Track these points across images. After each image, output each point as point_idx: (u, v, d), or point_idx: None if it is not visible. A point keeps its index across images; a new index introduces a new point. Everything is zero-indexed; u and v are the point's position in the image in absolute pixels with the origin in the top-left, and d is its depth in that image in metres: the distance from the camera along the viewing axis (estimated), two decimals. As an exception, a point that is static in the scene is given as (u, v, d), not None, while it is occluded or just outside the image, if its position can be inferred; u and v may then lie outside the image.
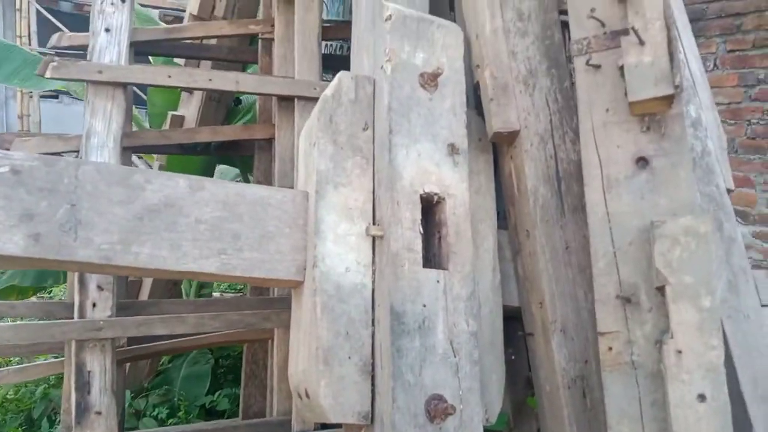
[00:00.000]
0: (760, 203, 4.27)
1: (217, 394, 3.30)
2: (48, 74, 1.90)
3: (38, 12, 13.39)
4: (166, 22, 4.90)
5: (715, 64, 4.55)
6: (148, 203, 1.37)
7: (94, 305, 1.86)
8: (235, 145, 2.69)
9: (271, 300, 2.19)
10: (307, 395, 1.38)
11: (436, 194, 1.45)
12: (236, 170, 3.74)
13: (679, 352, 1.20)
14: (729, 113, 4.44)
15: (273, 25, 2.43)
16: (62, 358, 2.28)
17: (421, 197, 1.44)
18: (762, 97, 4.33)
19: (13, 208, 1.26)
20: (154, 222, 1.36)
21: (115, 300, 1.90)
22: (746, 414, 1.62)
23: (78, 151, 2.22)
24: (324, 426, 2.06)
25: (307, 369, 1.38)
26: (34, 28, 13.80)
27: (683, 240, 1.22)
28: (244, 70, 3.18)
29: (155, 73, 2.01)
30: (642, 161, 1.34)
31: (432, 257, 1.44)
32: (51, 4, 14.58)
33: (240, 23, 2.46)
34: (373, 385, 1.37)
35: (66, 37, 2.22)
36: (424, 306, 1.37)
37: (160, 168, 3.11)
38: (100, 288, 1.87)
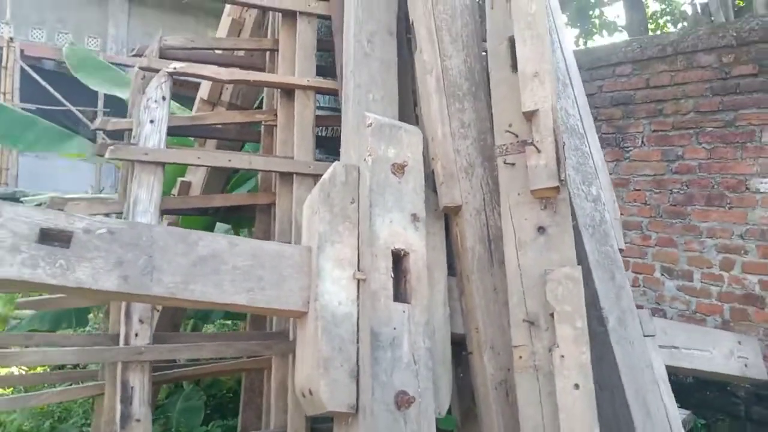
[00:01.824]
0: (681, 261, 4.98)
1: (211, 424, 3.76)
2: (107, 155, 2.48)
3: (22, 69, 13.95)
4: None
5: (642, 141, 5.34)
6: (200, 254, 1.94)
7: (136, 335, 2.38)
8: (239, 209, 3.27)
9: (270, 334, 2.73)
10: (311, 393, 1.93)
11: (402, 250, 2.06)
12: (228, 227, 4.30)
13: (562, 356, 1.80)
14: (654, 183, 5.19)
15: (275, 115, 3.06)
16: (92, 383, 2.76)
17: (392, 252, 2.04)
18: (681, 170, 5.09)
19: (110, 258, 1.82)
20: (204, 268, 1.93)
21: (152, 331, 2.43)
22: (630, 417, 2.21)
23: (115, 213, 2.77)
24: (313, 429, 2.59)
25: (310, 374, 1.93)
26: (17, 84, 14.33)
27: (564, 282, 1.84)
28: (242, 147, 3.80)
29: (188, 155, 2.61)
30: (541, 229, 1.97)
31: (399, 294, 2.03)
32: (35, 62, 15.16)
33: (248, 113, 3.10)
34: (357, 385, 1.92)
35: (111, 122, 2.81)
36: (394, 329, 1.95)
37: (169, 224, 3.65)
38: (141, 321, 2.40)
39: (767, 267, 4.39)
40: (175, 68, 2.65)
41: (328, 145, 3.10)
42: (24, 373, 3.53)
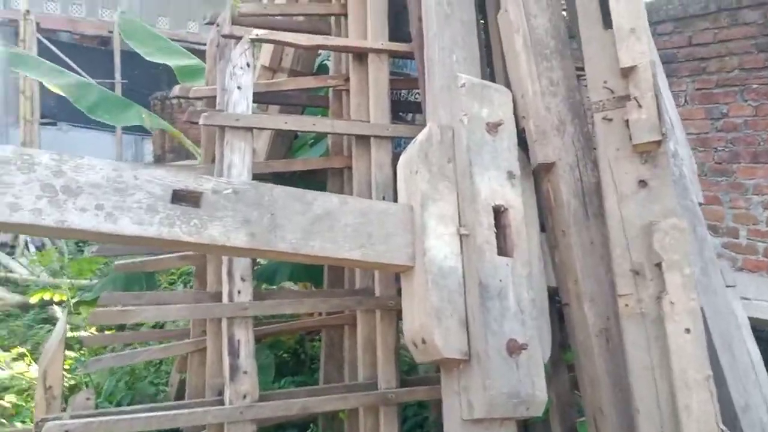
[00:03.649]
0: (727, 218, 5.04)
1: (283, 381, 3.92)
2: (201, 122, 2.56)
3: (39, 42, 13.93)
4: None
5: (685, 100, 5.35)
6: (316, 213, 2.03)
7: (239, 292, 2.50)
8: (310, 173, 3.35)
9: (357, 290, 2.85)
10: (424, 342, 2.04)
11: (502, 206, 2.14)
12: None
13: (672, 303, 1.89)
14: (699, 142, 5.23)
15: (346, 80, 3.12)
16: (187, 341, 2.89)
17: (493, 208, 2.13)
18: (726, 128, 5.12)
19: (237, 216, 1.92)
20: (321, 225, 2.03)
21: (251, 288, 2.55)
22: (718, 360, 2.31)
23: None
24: (404, 384, 2.72)
25: (423, 324, 2.04)
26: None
27: (671, 232, 1.92)
28: (302, 111, 3.87)
29: (277, 121, 2.69)
30: (642, 183, 2.05)
31: (500, 249, 2.12)
32: (51, 34, 15.16)
33: (321, 78, 3.16)
34: (467, 333, 2.03)
35: (193, 90, 2.89)
36: (500, 281, 2.05)
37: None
38: (242, 279, 2.51)
39: (816, 222, 4.45)
40: (257, 35, 2.71)
41: (400, 109, 3.16)
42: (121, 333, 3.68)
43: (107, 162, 1.81)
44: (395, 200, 2.77)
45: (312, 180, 3.38)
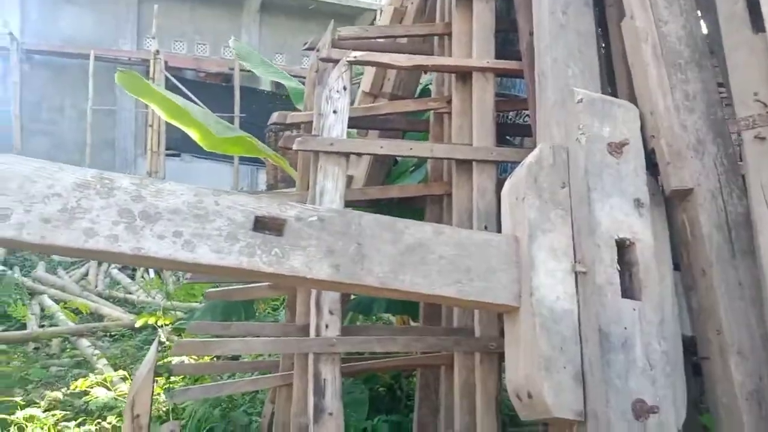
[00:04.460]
0: None
1: (376, 419, 3.70)
2: (295, 147, 2.46)
3: (166, 79, 14.94)
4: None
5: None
6: (407, 243, 1.82)
7: (327, 326, 2.33)
8: (407, 200, 3.17)
9: (454, 329, 2.59)
10: (530, 396, 1.75)
11: (627, 239, 1.82)
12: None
13: None
14: None
15: (448, 102, 2.92)
16: (280, 374, 2.76)
17: (616, 241, 1.81)
18: None
19: (321, 246, 1.75)
20: (412, 257, 1.81)
21: (340, 322, 2.37)
22: None
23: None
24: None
25: (530, 375, 1.75)
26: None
27: None
28: (403, 137, 3.71)
29: (371, 145, 2.54)
30: (808, 213, 1.66)
31: (626, 290, 1.79)
32: (177, 72, 16.25)
33: (421, 101, 2.99)
34: (584, 390, 1.72)
35: (290, 116, 2.81)
36: (625, 328, 1.72)
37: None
38: (331, 312, 2.34)
39: None
40: (355, 57, 2.59)
41: (506, 132, 2.91)
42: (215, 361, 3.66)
43: (188, 187, 1.72)
44: (499, 231, 2.51)
45: (408, 208, 3.19)
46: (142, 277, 10.88)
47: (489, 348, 2.42)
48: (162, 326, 6.35)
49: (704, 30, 2.19)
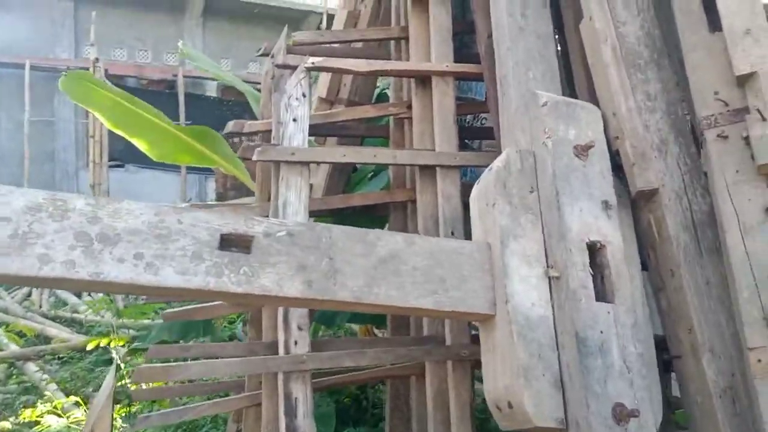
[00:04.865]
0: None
1: (345, 431, 3.64)
2: (255, 157, 2.37)
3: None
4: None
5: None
6: (380, 255, 1.77)
7: (296, 342, 2.26)
8: (369, 208, 3.11)
9: (424, 338, 2.56)
10: (510, 406, 1.73)
11: (598, 242, 1.82)
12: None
13: (824, 359, 1.52)
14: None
15: (408, 107, 2.89)
16: (241, 395, 2.66)
17: (587, 245, 1.81)
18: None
19: (291, 262, 1.68)
20: (385, 270, 1.76)
21: (309, 338, 2.30)
22: None
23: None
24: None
25: (509, 385, 1.73)
26: (102, 103, 14.80)
27: (817, 271, 1.56)
28: (361, 143, 3.65)
29: (334, 153, 2.48)
30: (771, 210, 1.69)
31: (597, 293, 1.79)
32: (118, 80, 15.74)
33: (381, 106, 2.94)
34: (563, 397, 1.71)
35: (247, 125, 2.72)
36: (601, 332, 1.72)
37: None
38: (299, 328, 2.27)
39: None
40: (313, 63, 2.52)
41: (467, 136, 2.90)
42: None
43: (149, 205, 1.62)
44: (466, 236, 2.49)
45: (371, 216, 3.15)
46: (89, 295, 10.45)
47: (461, 356, 2.39)
48: (115, 347, 6.11)
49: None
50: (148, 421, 2.29)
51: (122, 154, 16.67)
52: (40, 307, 9.17)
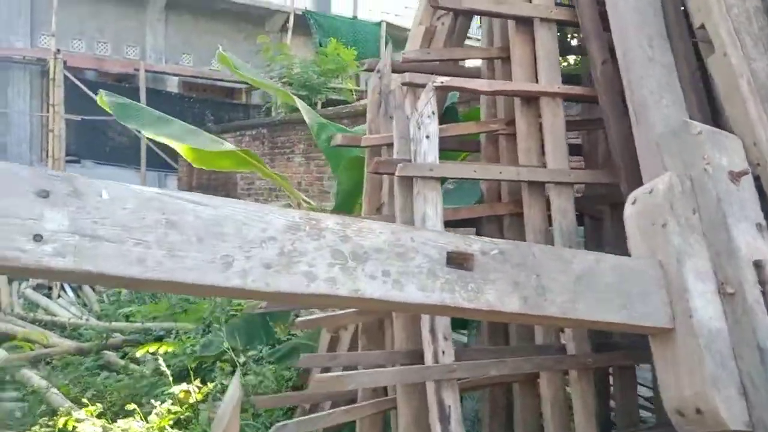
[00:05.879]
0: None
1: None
2: (397, 173, 2.43)
3: (66, 78, 13.81)
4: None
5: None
6: (575, 272, 1.88)
7: (443, 352, 2.33)
8: (464, 221, 3.19)
9: (544, 347, 2.68)
10: (699, 412, 1.87)
11: (759, 260, 2.00)
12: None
13: None
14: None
15: (507, 124, 3.01)
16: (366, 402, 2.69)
17: (753, 263, 1.98)
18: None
19: (507, 279, 1.76)
20: (581, 286, 1.87)
21: (453, 348, 2.38)
22: None
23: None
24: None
25: (699, 392, 1.87)
26: (62, 96, 14.17)
27: None
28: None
29: (465, 170, 2.56)
30: None
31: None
32: (77, 72, 15.12)
33: (483, 123, 3.05)
34: (747, 402, 1.86)
35: (364, 139, 2.76)
36: (776, 344, 1.89)
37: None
38: (445, 338, 2.35)
39: None
40: (442, 82, 2.60)
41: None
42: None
43: (384, 224, 1.67)
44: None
45: (463, 229, 3.23)
46: (59, 296, 10.01)
47: (587, 364, 2.53)
48: (118, 348, 5.93)
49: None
50: (286, 430, 2.29)
51: (79, 149, 16.02)
52: (12, 310, 8.73)
